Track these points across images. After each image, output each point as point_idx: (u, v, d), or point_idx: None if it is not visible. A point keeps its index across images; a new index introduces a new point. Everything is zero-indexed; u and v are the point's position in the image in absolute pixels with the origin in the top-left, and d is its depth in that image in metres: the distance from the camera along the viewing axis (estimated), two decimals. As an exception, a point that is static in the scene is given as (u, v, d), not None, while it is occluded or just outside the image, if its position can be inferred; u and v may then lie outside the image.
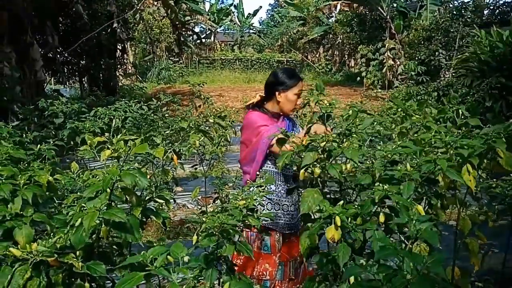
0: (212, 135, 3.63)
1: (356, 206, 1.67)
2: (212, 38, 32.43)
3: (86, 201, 1.56)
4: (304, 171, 1.93)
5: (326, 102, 2.33)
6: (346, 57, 25.35)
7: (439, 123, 2.50)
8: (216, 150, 4.01)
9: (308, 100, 2.47)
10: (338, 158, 1.96)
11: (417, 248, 1.66)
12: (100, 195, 1.57)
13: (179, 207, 5.42)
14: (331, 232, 1.58)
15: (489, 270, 3.18)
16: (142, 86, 17.58)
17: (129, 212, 1.74)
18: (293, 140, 2.08)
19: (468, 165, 1.81)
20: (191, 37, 27.11)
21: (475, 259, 2.14)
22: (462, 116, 2.48)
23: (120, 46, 15.06)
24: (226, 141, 4.04)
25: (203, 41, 28.87)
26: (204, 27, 31.78)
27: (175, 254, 1.45)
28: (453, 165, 1.79)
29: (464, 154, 1.79)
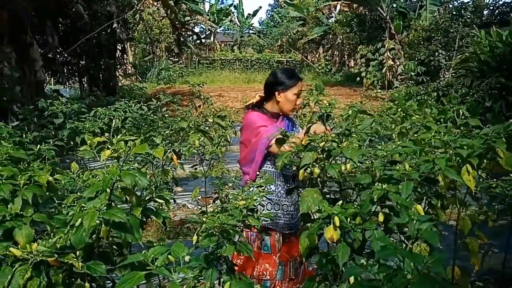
0: (212, 135, 3.63)
1: (356, 206, 1.67)
2: (212, 39, 32.44)
3: (86, 201, 1.56)
4: (304, 171, 1.93)
5: (326, 102, 2.33)
6: (346, 58, 25.36)
7: (440, 123, 2.50)
8: (216, 150, 4.01)
9: (308, 100, 2.47)
10: (338, 158, 1.96)
11: (417, 248, 1.66)
12: (100, 195, 1.58)
13: (179, 207, 5.42)
14: (330, 232, 1.58)
15: (489, 270, 3.18)
16: (142, 86, 17.58)
17: (129, 212, 1.74)
18: (292, 140, 2.08)
19: (468, 165, 1.81)
20: (191, 38, 27.10)
21: (475, 259, 2.15)
22: (463, 116, 2.49)
23: (120, 47, 15.06)
24: (226, 141, 4.04)
25: (203, 41, 28.87)
26: (204, 28, 31.80)
27: (176, 254, 1.45)
28: (453, 165, 1.80)
29: (463, 154, 1.80)
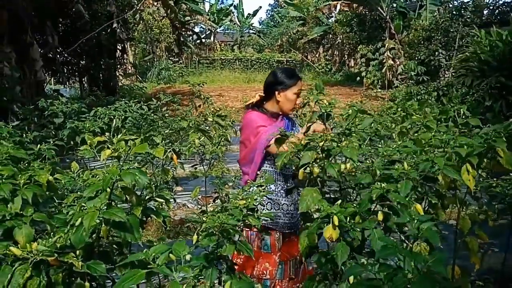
0: (212, 135, 3.63)
1: (355, 205, 1.67)
2: (212, 38, 32.44)
3: (86, 201, 1.56)
4: (303, 171, 1.93)
5: (326, 102, 2.33)
6: (346, 57, 25.35)
7: (440, 123, 2.51)
8: (216, 150, 4.01)
9: (308, 100, 2.47)
10: (338, 158, 1.96)
11: (418, 248, 1.66)
12: (100, 195, 1.58)
13: (179, 207, 5.42)
14: (329, 232, 1.58)
15: (489, 269, 3.18)
16: (142, 86, 17.58)
17: (129, 212, 1.74)
18: (292, 140, 2.08)
19: (468, 165, 1.81)
20: (191, 37, 27.11)
21: (475, 258, 2.15)
22: (463, 116, 2.49)
23: (120, 46, 15.05)
24: (227, 141, 4.04)
25: (203, 41, 28.87)
26: (204, 27, 31.78)
27: (177, 253, 1.45)
28: (453, 165, 1.80)
29: (462, 153, 1.80)
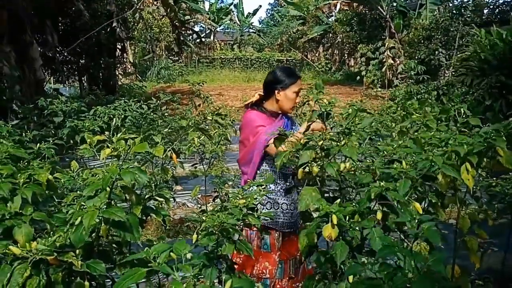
0: (211, 134, 3.62)
1: (354, 204, 1.67)
2: (212, 37, 32.41)
3: (86, 200, 1.56)
4: (302, 170, 1.92)
5: (326, 101, 2.33)
6: (346, 56, 25.35)
7: (440, 122, 2.50)
8: (216, 149, 4.01)
9: (308, 99, 2.47)
10: (338, 157, 1.95)
11: (417, 247, 1.66)
12: (100, 194, 1.57)
13: (179, 206, 5.42)
14: (328, 231, 1.58)
15: (489, 269, 3.18)
16: (142, 85, 17.57)
17: (129, 211, 1.74)
18: (290, 139, 2.08)
19: (467, 164, 1.80)
20: (191, 36, 27.09)
21: (475, 257, 2.15)
22: (464, 115, 2.48)
23: (120, 45, 15.04)
24: (226, 140, 4.03)
25: (203, 40, 28.85)
26: (204, 26, 31.75)
27: (178, 251, 1.45)
28: (453, 164, 1.79)
29: (460, 152, 1.79)
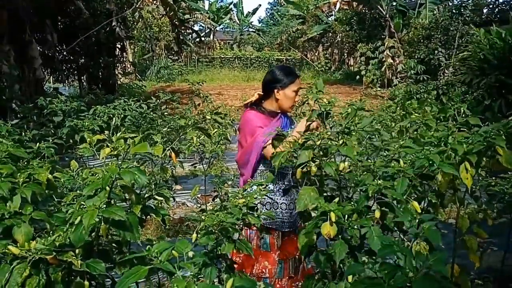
0: (211, 133, 3.62)
1: (352, 203, 1.67)
2: (212, 37, 32.38)
3: (86, 199, 1.56)
4: (301, 170, 1.92)
5: (325, 101, 2.33)
6: (346, 56, 25.33)
7: (440, 122, 2.50)
8: (216, 149, 4.01)
9: (307, 98, 2.47)
10: (339, 157, 1.95)
11: (417, 247, 1.66)
12: (100, 193, 1.57)
13: (179, 205, 5.42)
14: (327, 228, 1.57)
15: (488, 268, 3.19)
16: (141, 85, 17.55)
17: (129, 210, 1.74)
18: (288, 139, 2.07)
19: (466, 163, 1.80)
20: (190, 36, 27.07)
21: (474, 257, 2.15)
22: (463, 115, 2.48)
23: (119, 45, 15.00)
24: (226, 140, 4.04)
25: (203, 40, 28.83)
26: (204, 26, 31.71)
27: (180, 250, 1.45)
28: (452, 163, 1.79)
29: (459, 150, 1.79)
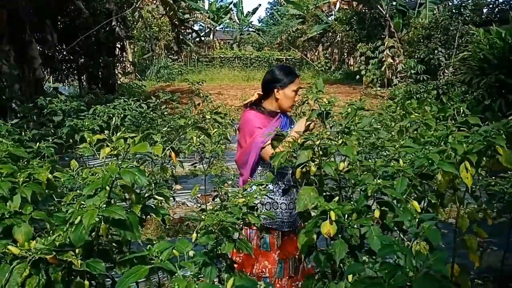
0: (211, 133, 3.62)
1: (352, 203, 1.67)
2: (211, 36, 32.38)
3: (86, 199, 1.56)
4: (300, 170, 1.92)
5: (325, 100, 2.33)
6: (345, 55, 25.33)
7: (440, 121, 2.51)
8: (216, 148, 4.01)
9: (307, 98, 2.46)
10: (339, 157, 1.95)
11: (417, 247, 1.66)
12: (100, 193, 1.57)
13: (179, 205, 5.42)
14: (327, 227, 1.56)
15: (488, 268, 3.19)
16: (141, 84, 17.56)
17: (129, 210, 1.74)
18: (288, 139, 2.08)
19: (466, 162, 1.80)
20: (190, 35, 27.06)
21: (474, 256, 2.15)
22: (463, 115, 2.48)
23: (119, 44, 15.00)
24: (226, 139, 4.04)
25: (202, 39, 28.83)
26: (203, 25, 31.72)
27: (180, 249, 1.45)
28: (452, 162, 1.79)
29: (458, 150, 1.79)
